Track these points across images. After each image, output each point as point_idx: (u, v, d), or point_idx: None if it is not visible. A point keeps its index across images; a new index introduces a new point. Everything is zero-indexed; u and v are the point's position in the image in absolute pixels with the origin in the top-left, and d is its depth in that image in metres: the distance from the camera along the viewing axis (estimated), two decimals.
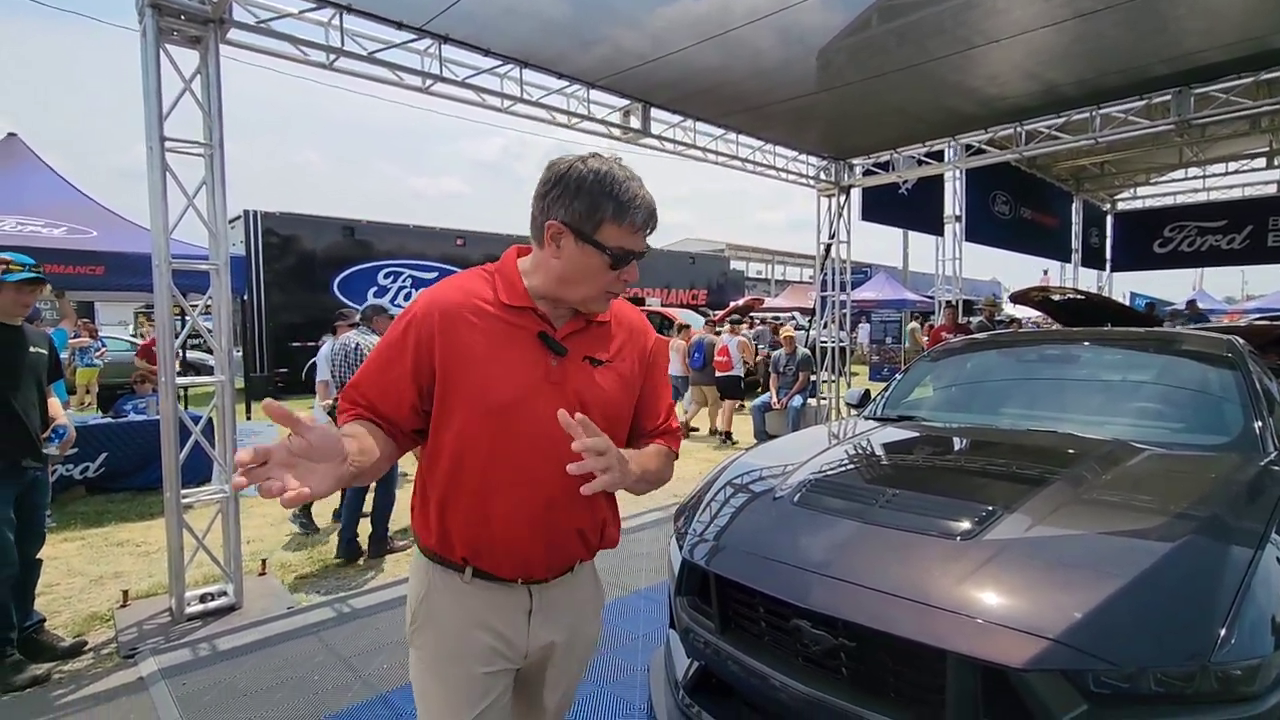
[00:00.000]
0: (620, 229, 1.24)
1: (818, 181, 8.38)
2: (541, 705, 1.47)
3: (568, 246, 1.24)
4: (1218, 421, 2.64)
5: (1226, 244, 13.51)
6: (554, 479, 1.20)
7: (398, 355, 1.26)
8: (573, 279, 1.26)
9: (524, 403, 1.25)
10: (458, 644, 1.31)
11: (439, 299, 1.28)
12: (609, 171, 1.23)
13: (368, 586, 3.82)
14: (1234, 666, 1.40)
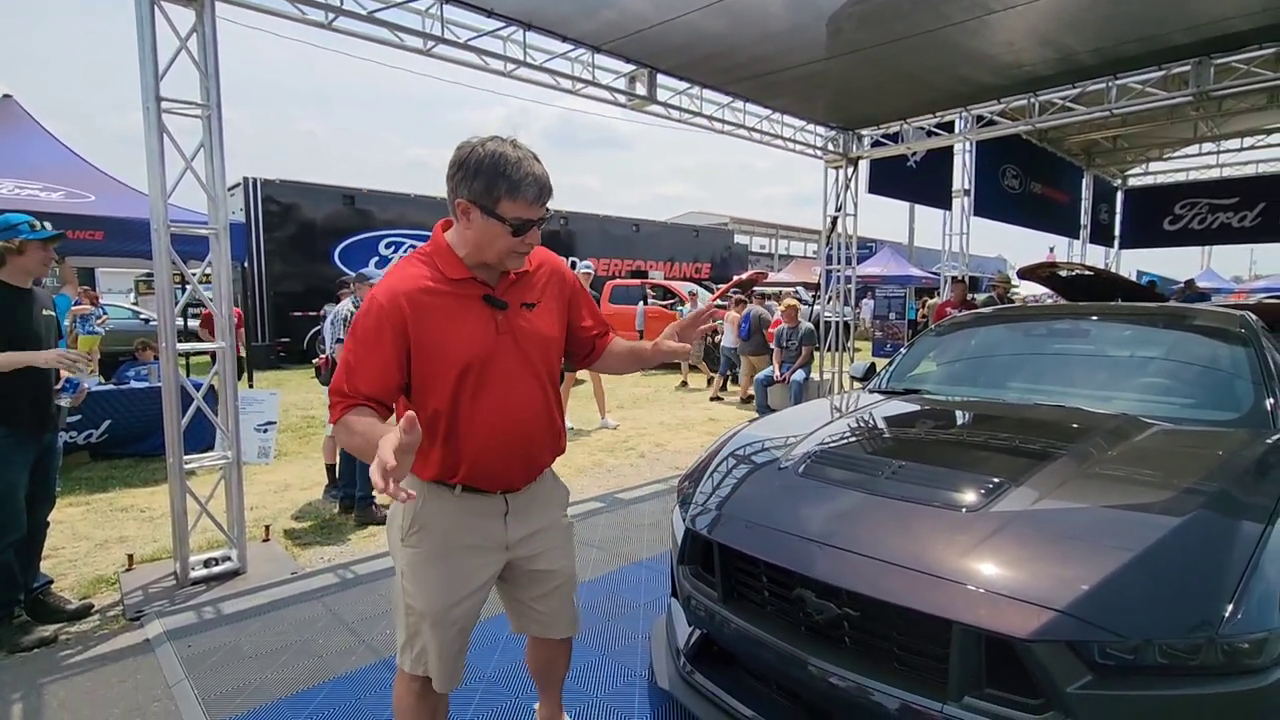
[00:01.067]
0: (515, 203, 1.46)
1: (825, 153, 8.25)
2: (552, 575, 1.79)
3: (476, 219, 1.48)
4: (1228, 397, 2.61)
5: (1238, 222, 13.35)
6: (523, 411, 1.60)
7: (378, 346, 1.48)
8: (485, 245, 1.51)
9: (487, 355, 1.54)
10: (450, 540, 1.60)
11: (399, 288, 1.50)
12: (502, 153, 1.45)
13: (371, 553, 3.84)
14: (1241, 640, 1.39)
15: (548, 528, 1.77)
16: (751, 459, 2.42)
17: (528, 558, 1.72)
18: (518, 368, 1.58)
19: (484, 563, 1.66)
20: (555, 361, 1.73)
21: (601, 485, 5.28)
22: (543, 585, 1.78)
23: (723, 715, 2.03)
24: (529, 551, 1.72)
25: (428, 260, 1.56)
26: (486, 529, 1.65)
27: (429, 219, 14.36)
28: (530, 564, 1.74)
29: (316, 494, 4.95)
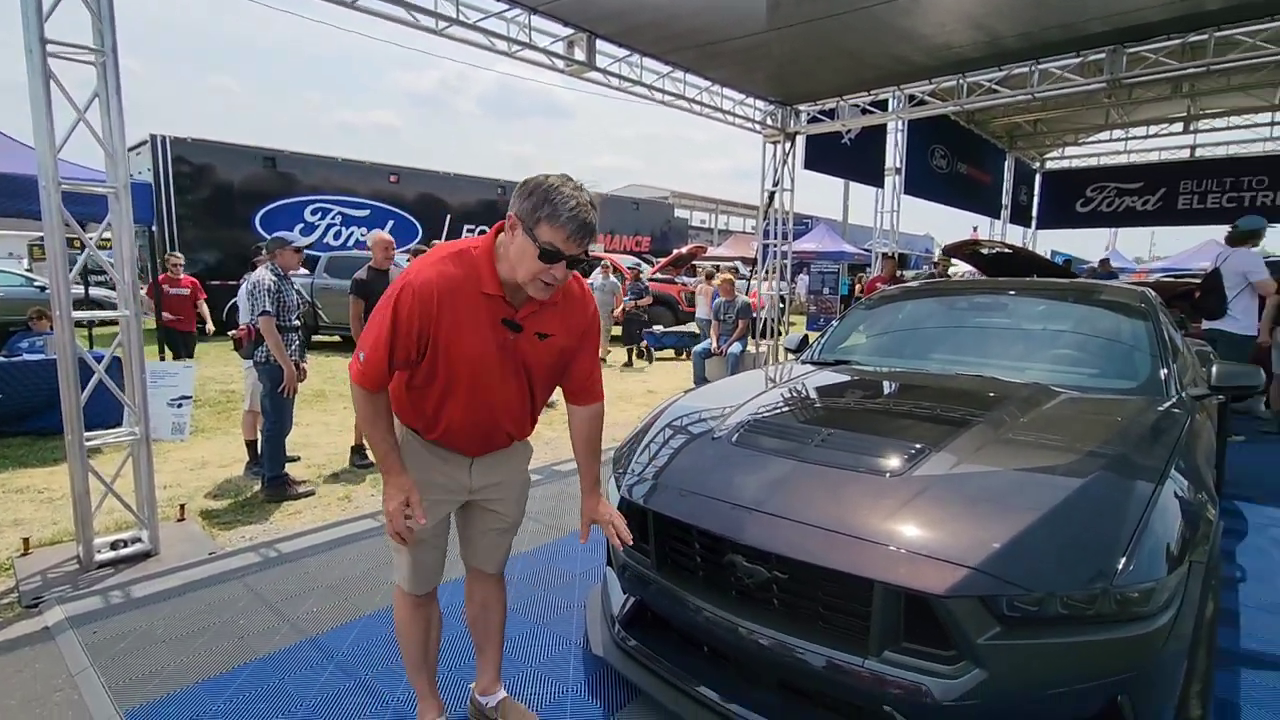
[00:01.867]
0: (553, 229, 1.53)
1: (764, 127, 8.30)
2: (500, 517, 1.98)
3: (517, 235, 1.58)
4: (1128, 367, 2.80)
5: (1142, 205, 14.24)
6: (499, 408, 1.80)
7: (409, 330, 1.61)
8: (516, 262, 1.60)
9: (486, 363, 1.70)
10: (421, 477, 1.78)
11: (435, 280, 1.61)
12: (561, 186, 1.55)
13: (296, 530, 3.70)
14: (1132, 590, 1.50)
15: (508, 480, 1.96)
16: (686, 429, 2.44)
17: (486, 500, 1.93)
18: (510, 380, 1.76)
19: (448, 498, 1.87)
20: (550, 382, 1.88)
21: (538, 458, 5.25)
22: (492, 524, 1.98)
23: (655, 679, 2.07)
24: (488, 496, 1.93)
25: (470, 264, 1.65)
26: (453, 472, 1.85)
27: (358, 184, 13.72)
28: (487, 505, 1.95)
29: (236, 471, 4.72)
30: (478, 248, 1.67)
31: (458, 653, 2.46)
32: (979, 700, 1.50)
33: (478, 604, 2.08)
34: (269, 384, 4.20)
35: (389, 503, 1.69)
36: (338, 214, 13.37)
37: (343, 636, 2.61)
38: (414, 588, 1.90)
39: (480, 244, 1.68)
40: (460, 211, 15.60)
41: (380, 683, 2.32)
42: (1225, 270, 5.77)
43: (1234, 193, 13.14)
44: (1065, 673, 1.51)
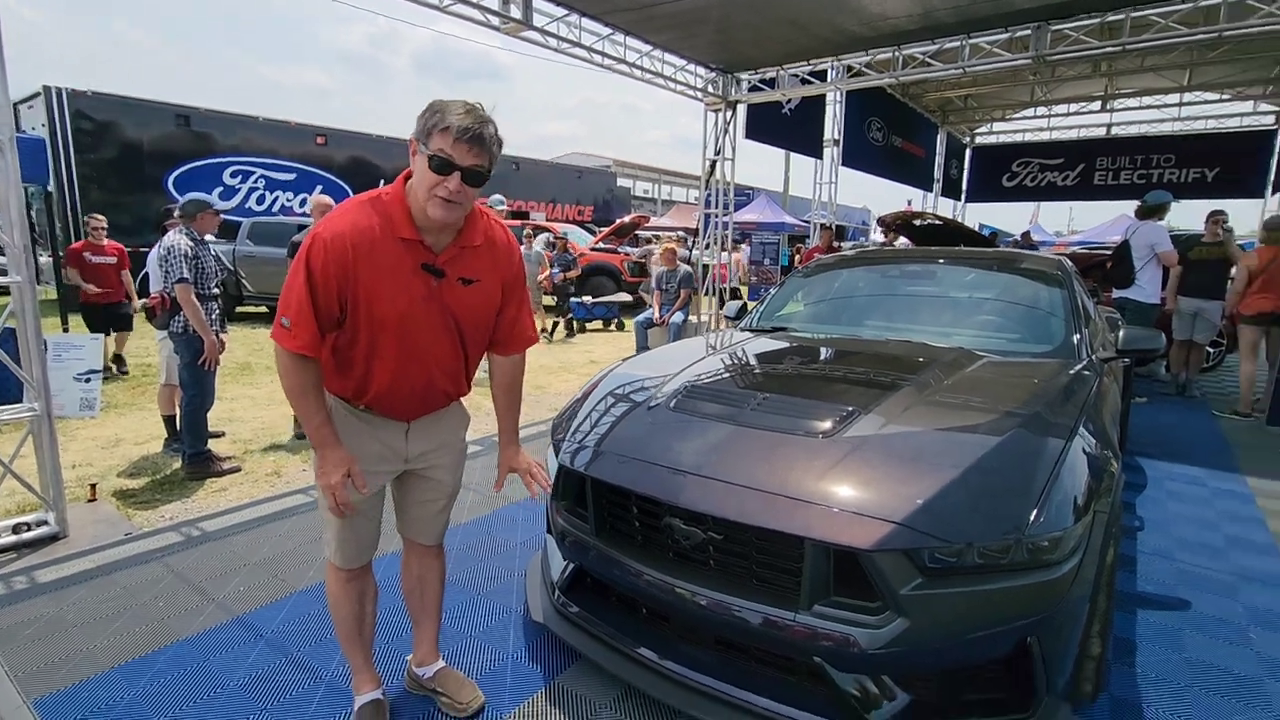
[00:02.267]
0: (442, 136, 1.48)
1: (705, 94, 8.24)
2: (438, 485, 1.93)
3: (416, 157, 1.54)
4: (1045, 332, 2.94)
5: (1062, 180, 14.95)
6: (432, 364, 1.72)
7: (325, 286, 1.54)
8: (414, 187, 1.55)
9: (412, 315, 1.64)
10: (354, 448, 1.70)
11: (348, 232, 1.54)
12: (454, 100, 1.52)
13: (221, 508, 3.54)
14: (1042, 539, 1.59)
15: (445, 446, 1.91)
16: (624, 396, 2.44)
17: (424, 469, 1.88)
18: (440, 333, 1.70)
19: (385, 469, 1.81)
20: (483, 333, 1.82)
21: (479, 429, 5.16)
22: (430, 493, 1.93)
23: (595, 642, 2.09)
24: (426, 464, 1.87)
25: (382, 210, 1.59)
26: (389, 440, 1.79)
27: (282, 146, 12.96)
28: (426, 473, 1.89)
29: (154, 448, 4.47)
30: (388, 193, 1.61)
31: (394, 626, 2.42)
32: (902, 647, 1.57)
33: (414, 577, 2.04)
34: (187, 355, 3.96)
35: (328, 477, 1.62)
36: (260, 177, 12.60)
37: (273, 614, 2.53)
38: (348, 561, 1.85)
39: (391, 189, 1.62)
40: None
41: (313, 659, 2.26)
42: (1134, 242, 6.13)
43: (1144, 170, 13.94)
44: (981, 618, 1.59)
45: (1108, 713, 2.05)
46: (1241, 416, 5.90)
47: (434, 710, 2.02)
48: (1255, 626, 2.56)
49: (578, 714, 2.01)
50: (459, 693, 2.02)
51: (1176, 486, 4.11)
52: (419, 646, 2.09)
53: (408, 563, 2.05)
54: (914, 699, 1.66)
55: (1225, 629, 2.54)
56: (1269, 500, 3.92)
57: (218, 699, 2.05)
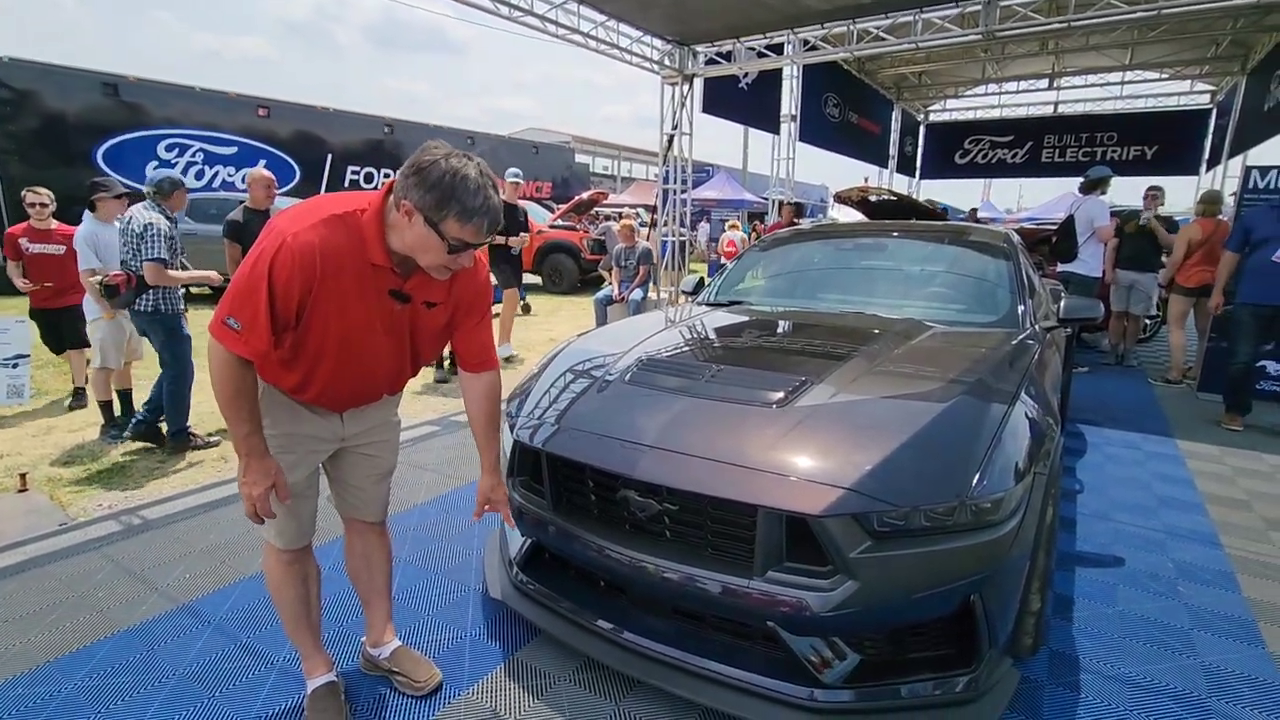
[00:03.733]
0: (463, 227, 1.45)
1: (662, 68, 8.15)
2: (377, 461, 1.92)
3: (417, 225, 1.46)
4: (991, 303, 3.02)
5: (1011, 158, 15.31)
6: (379, 373, 1.73)
7: (287, 294, 1.46)
8: (417, 250, 1.50)
9: (370, 334, 1.62)
10: (292, 430, 1.71)
11: (318, 246, 1.46)
12: (465, 175, 1.42)
13: (164, 495, 3.41)
14: (984, 500, 1.64)
15: (379, 424, 1.89)
16: (579, 371, 2.42)
17: (361, 446, 1.87)
18: (394, 349, 1.69)
19: (321, 449, 1.80)
20: (438, 346, 1.85)
21: (435, 409, 5.10)
22: (369, 470, 1.91)
23: (553, 616, 2.09)
24: (364, 440, 1.86)
25: (355, 230, 1.51)
26: (324, 424, 1.77)
27: (222, 118, 12.36)
28: (359, 450, 1.87)
29: (90, 435, 4.27)
30: (364, 212, 1.52)
31: (345, 609, 2.38)
32: (852, 609, 1.61)
33: (359, 556, 2.01)
34: (161, 335, 3.88)
35: (251, 487, 1.55)
36: (199, 151, 12.01)
37: (220, 601, 2.45)
38: (288, 542, 1.80)
39: (367, 208, 1.52)
40: (343, 152, 14.47)
41: (264, 644, 2.21)
42: (1078, 217, 6.32)
43: (1089, 147, 14.37)
44: (927, 578, 1.64)
45: (1046, 665, 2.15)
46: (1173, 383, 6.20)
47: (391, 690, 2.00)
48: (1183, 580, 2.71)
49: (537, 687, 2.02)
50: (415, 671, 2.00)
51: (1114, 451, 4.30)
52: (372, 627, 2.06)
53: (351, 544, 2.01)
54: (863, 658, 1.71)
55: (1155, 583, 2.68)
56: (1198, 462, 4.14)
57: (163, 688, 1.99)
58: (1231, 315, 4.91)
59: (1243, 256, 4.75)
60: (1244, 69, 10.89)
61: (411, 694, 1.98)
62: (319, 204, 1.53)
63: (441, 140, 1.50)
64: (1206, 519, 3.30)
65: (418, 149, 1.47)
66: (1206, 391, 5.74)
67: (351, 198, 1.55)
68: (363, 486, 1.92)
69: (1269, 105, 9.04)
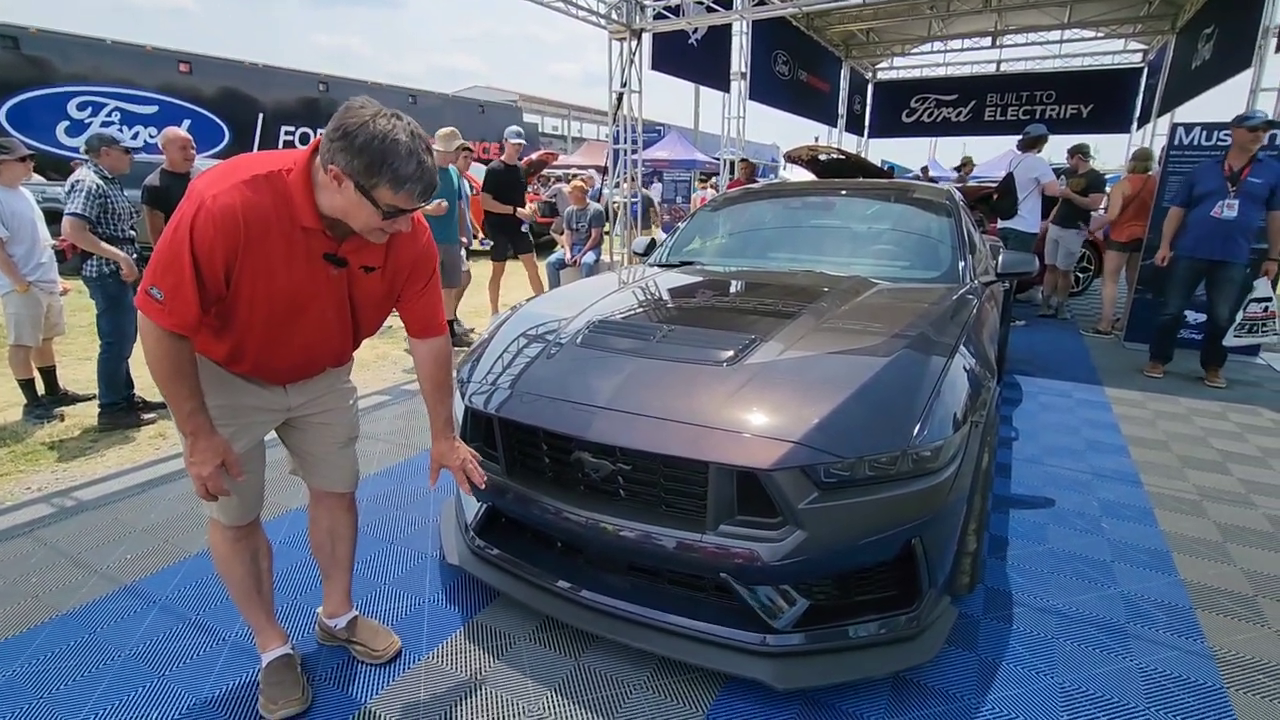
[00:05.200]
0: (396, 195, 1.37)
1: (609, 22, 7.93)
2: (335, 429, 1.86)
3: (347, 190, 1.38)
4: (934, 259, 3.09)
5: (956, 116, 15.58)
6: (318, 344, 1.66)
7: (210, 261, 1.37)
8: (349, 216, 1.43)
9: (308, 302, 1.55)
10: (233, 402, 1.63)
11: (239, 207, 1.36)
12: (395, 139, 1.34)
13: (98, 475, 3.26)
14: (925, 449, 1.71)
15: (328, 392, 1.82)
16: (531, 335, 2.39)
17: (310, 415, 1.79)
18: (332, 317, 1.62)
19: (265, 419, 1.72)
20: (380, 314, 1.75)
21: (385, 379, 4.99)
22: (329, 438, 1.85)
23: (511, 579, 2.11)
24: (311, 410, 1.79)
25: (281, 192, 1.42)
26: (266, 395, 1.70)
27: (140, 75, 11.56)
28: (312, 419, 1.81)
29: (13, 416, 4.03)
30: (290, 171, 1.42)
31: (300, 580, 2.35)
32: (801, 557, 1.67)
33: (324, 530, 1.96)
34: (103, 302, 3.76)
35: (200, 467, 1.47)
36: (115, 110, 11.25)
37: (165, 580, 2.39)
38: (234, 519, 1.73)
39: (293, 167, 1.43)
40: (276, 111, 13.74)
41: (214, 621, 2.16)
42: (1018, 175, 6.50)
43: (1029, 106, 14.73)
44: (872, 525, 1.71)
45: (982, 601, 2.28)
46: (1103, 334, 6.52)
47: (349, 660, 2.00)
48: (1107, 517, 2.90)
49: (496, 648, 2.04)
50: (373, 640, 2.00)
51: (1047, 399, 4.52)
52: (329, 598, 2.04)
53: (316, 516, 1.96)
54: (812, 603, 1.78)
55: (1081, 520, 2.86)
56: (1123, 407, 4.39)
57: (110, 669, 1.94)
58: (1167, 267, 5.05)
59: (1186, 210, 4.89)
60: (1174, 27, 11.24)
61: (370, 662, 1.97)
62: (240, 163, 1.44)
63: (367, 97, 1.41)
64: (1129, 460, 3.52)
65: (341, 107, 1.38)
66: (1133, 341, 6.06)
67: (275, 156, 1.46)
68: (325, 456, 1.86)
69: (1196, 64, 9.38)
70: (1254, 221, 4.63)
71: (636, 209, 9.32)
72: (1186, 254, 4.87)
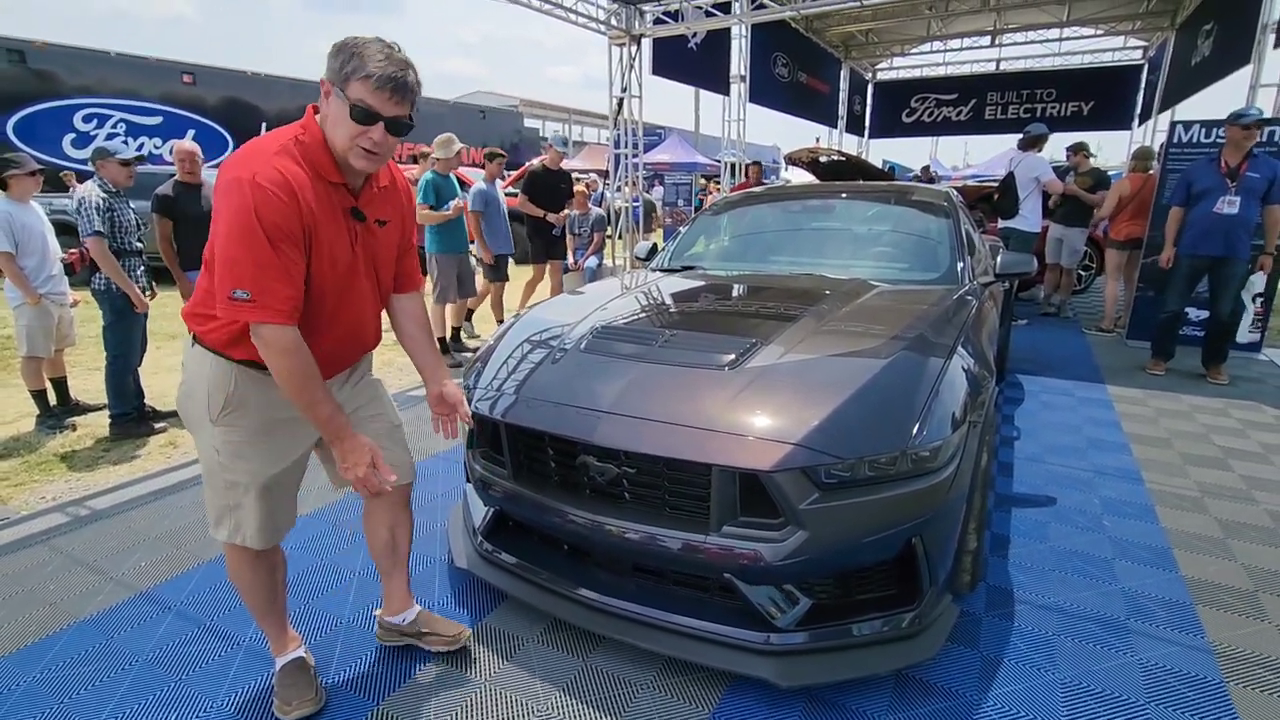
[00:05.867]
0: (363, 85, 1.39)
1: (609, 28, 7.98)
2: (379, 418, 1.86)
3: (331, 100, 1.44)
4: (933, 260, 3.12)
5: (956, 115, 15.59)
6: (357, 321, 1.66)
7: (289, 233, 1.40)
8: (330, 132, 1.45)
9: (346, 269, 1.57)
10: (270, 414, 1.60)
11: (284, 171, 1.40)
12: (371, 41, 1.42)
13: (110, 484, 3.31)
14: (923, 449, 1.74)
15: (362, 385, 1.84)
16: (536, 341, 2.43)
17: (353, 412, 1.76)
18: (365, 284, 1.64)
19: (306, 431, 1.67)
20: (390, 276, 1.78)
21: (392, 384, 5.03)
22: (377, 429, 1.82)
23: (520, 581, 2.14)
24: (350, 407, 1.74)
25: (306, 153, 1.46)
26: None
27: (144, 86, 11.68)
28: (358, 415, 1.78)
29: (25, 427, 4.09)
30: (305, 132, 1.47)
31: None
32: (803, 557, 1.70)
33: (386, 529, 1.95)
34: (110, 314, 3.83)
35: (355, 470, 1.56)
36: (120, 121, 11.36)
37: (180, 586, 2.43)
38: (265, 541, 1.70)
39: (304, 129, 1.48)
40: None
41: (229, 626, 2.20)
42: (1018, 174, 6.52)
43: (1029, 104, 14.74)
44: (872, 524, 1.74)
45: (984, 599, 2.31)
46: (1105, 332, 6.53)
47: (361, 662, 2.03)
48: (1108, 515, 2.92)
49: (505, 650, 2.07)
50: (445, 629, 2.04)
51: (1049, 398, 4.54)
52: (393, 597, 2.05)
53: (374, 519, 1.95)
54: (814, 602, 1.81)
55: (1083, 518, 2.88)
56: (1124, 405, 4.41)
57: (128, 674, 1.98)
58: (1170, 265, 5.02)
59: (1186, 209, 4.89)
60: (1173, 24, 11.25)
61: (445, 649, 2.01)
62: (257, 145, 1.46)
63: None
64: (1131, 458, 3.54)
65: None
66: (1135, 339, 6.07)
67: (281, 131, 1.49)
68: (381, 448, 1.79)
69: (1196, 60, 9.38)
70: (1254, 217, 4.64)
71: (638, 213, 9.36)
72: (1188, 252, 4.88)
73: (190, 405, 1.63)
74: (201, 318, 1.56)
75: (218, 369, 1.57)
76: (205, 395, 1.58)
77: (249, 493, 1.64)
